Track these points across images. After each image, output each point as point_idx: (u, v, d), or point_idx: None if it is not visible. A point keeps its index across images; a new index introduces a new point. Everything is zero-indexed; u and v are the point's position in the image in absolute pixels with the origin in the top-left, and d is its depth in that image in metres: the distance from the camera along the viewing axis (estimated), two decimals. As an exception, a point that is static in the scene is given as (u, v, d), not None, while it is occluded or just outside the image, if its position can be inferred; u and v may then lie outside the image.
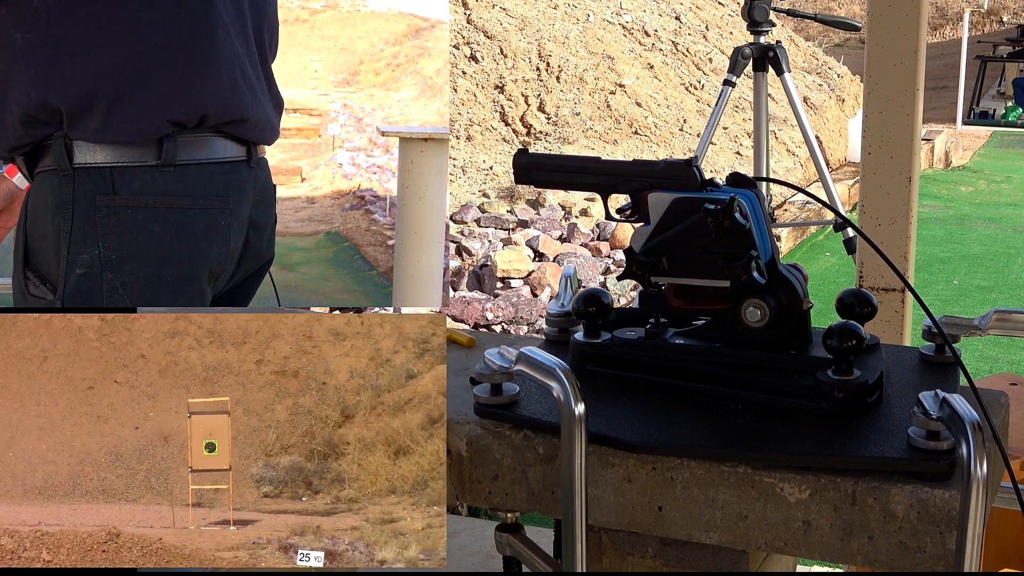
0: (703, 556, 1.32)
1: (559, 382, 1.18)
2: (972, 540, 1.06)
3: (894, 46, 2.44)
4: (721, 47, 9.33)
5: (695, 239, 1.28)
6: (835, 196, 3.74)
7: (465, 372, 1.47)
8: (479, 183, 7.45)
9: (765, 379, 1.30)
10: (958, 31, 16.84)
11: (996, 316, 1.44)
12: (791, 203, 7.62)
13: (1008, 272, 6.52)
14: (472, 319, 5.21)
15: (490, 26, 8.65)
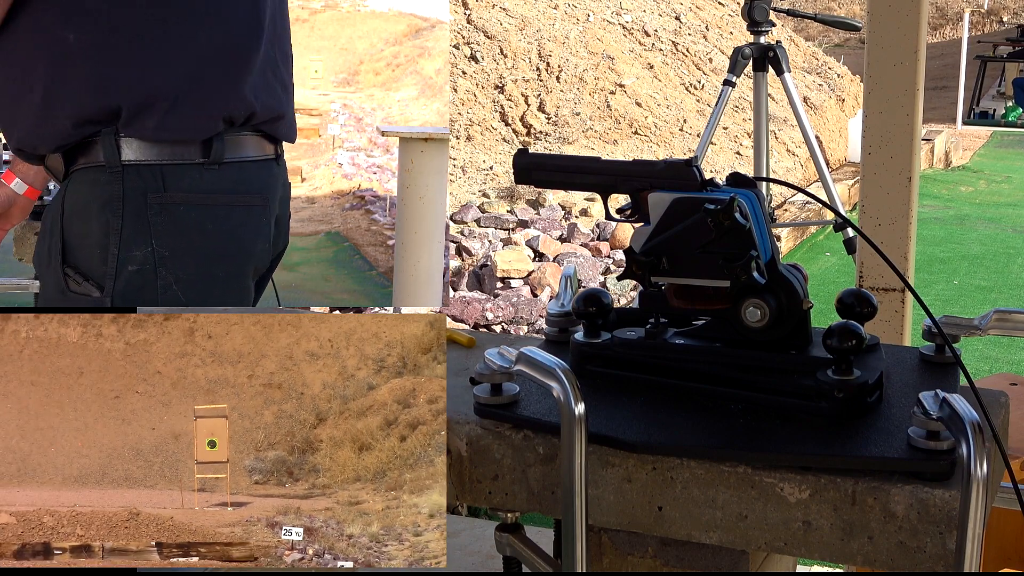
0: (703, 556, 1.32)
1: (559, 382, 1.18)
2: (972, 540, 1.06)
3: (894, 46, 2.44)
4: (721, 47, 9.33)
5: (695, 239, 1.28)
6: (835, 196, 3.74)
7: (465, 372, 1.47)
8: (479, 183, 7.45)
9: (765, 379, 1.30)
10: (958, 31, 16.84)
11: (996, 316, 1.44)
12: (791, 203, 7.62)
13: (1008, 272, 6.52)
14: (472, 319, 5.21)
15: (490, 26, 8.65)
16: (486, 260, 5.97)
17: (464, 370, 1.49)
